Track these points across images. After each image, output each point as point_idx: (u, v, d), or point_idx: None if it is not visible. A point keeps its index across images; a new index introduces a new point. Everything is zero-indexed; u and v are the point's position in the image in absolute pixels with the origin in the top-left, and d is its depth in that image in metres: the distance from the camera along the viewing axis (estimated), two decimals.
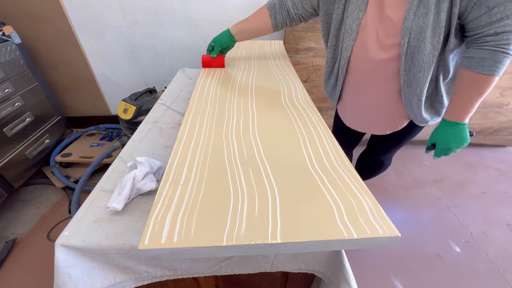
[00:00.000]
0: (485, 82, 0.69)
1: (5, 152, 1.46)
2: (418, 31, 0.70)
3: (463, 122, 0.77)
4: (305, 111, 0.80)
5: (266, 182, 0.54)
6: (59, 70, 1.95)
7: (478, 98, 0.72)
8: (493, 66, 0.65)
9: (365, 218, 0.47)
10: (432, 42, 0.71)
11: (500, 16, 0.61)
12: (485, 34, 0.65)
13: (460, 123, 0.77)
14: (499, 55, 0.64)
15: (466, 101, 0.73)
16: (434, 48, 0.72)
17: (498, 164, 1.95)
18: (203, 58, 1.11)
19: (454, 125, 0.78)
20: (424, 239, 1.40)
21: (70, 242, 0.56)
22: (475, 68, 0.68)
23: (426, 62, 0.74)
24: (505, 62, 0.65)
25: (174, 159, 0.60)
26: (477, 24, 0.65)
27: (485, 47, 0.65)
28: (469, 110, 0.74)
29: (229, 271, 0.65)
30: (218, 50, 1.08)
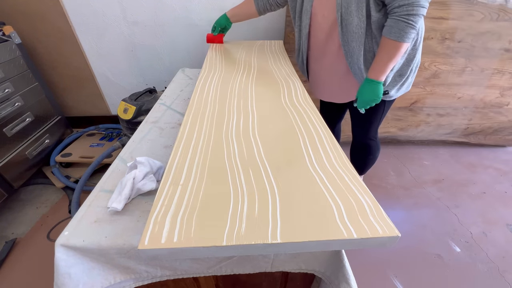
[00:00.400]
0: (393, 46, 0.83)
1: (5, 152, 1.46)
2: (346, 6, 0.88)
3: (377, 80, 0.90)
4: (305, 111, 0.80)
5: (266, 182, 0.54)
6: (59, 70, 1.95)
7: (389, 61, 0.86)
8: (397, 33, 0.80)
9: (365, 218, 0.47)
10: (358, 15, 0.87)
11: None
12: (393, 6, 0.80)
13: (374, 80, 0.91)
14: (401, 23, 0.79)
15: (380, 62, 0.88)
16: (360, 20, 0.88)
17: (498, 164, 1.95)
18: (207, 36, 1.42)
19: (370, 81, 0.92)
20: (424, 239, 1.40)
21: (70, 242, 0.56)
22: (386, 34, 0.83)
23: (356, 32, 0.91)
24: (407, 30, 0.79)
25: (174, 159, 0.60)
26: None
27: (393, 17, 0.81)
28: (382, 69, 0.88)
29: (229, 271, 0.65)
30: (219, 30, 1.36)
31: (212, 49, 1.39)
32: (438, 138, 2.07)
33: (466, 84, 1.80)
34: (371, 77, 0.91)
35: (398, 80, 1.02)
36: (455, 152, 2.05)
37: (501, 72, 1.75)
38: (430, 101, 1.87)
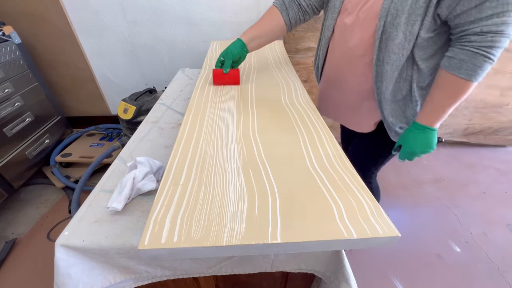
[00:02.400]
0: (460, 86, 0.63)
1: (5, 152, 1.46)
2: (394, 15, 0.65)
3: (432, 127, 0.72)
4: (305, 111, 0.80)
5: (266, 182, 0.54)
6: (59, 70, 1.95)
7: (451, 104, 0.66)
8: (471, 69, 0.60)
9: (365, 218, 0.47)
10: (404, 31, 0.65)
11: (491, 12, 0.54)
12: (470, 32, 0.58)
13: (428, 127, 0.72)
14: (479, 58, 0.58)
15: (438, 105, 0.68)
16: (406, 38, 0.66)
17: (498, 164, 1.95)
18: (214, 74, 0.95)
19: (422, 129, 0.73)
20: (424, 239, 1.40)
21: (70, 242, 0.56)
22: (452, 69, 0.62)
23: (396, 53, 0.69)
24: (484, 67, 0.59)
25: (174, 159, 0.60)
26: (464, 19, 0.58)
27: (467, 47, 0.59)
28: (440, 115, 0.69)
29: (229, 271, 0.65)
30: (230, 64, 0.92)
31: (212, 49, 1.39)
32: None
33: None
34: (424, 123, 0.71)
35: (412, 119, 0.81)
36: (455, 152, 2.05)
37: (501, 72, 1.75)
38: None
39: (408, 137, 0.77)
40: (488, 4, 0.54)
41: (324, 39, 0.88)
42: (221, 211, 0.48)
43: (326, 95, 0.99)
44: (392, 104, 0.79)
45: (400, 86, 0.75)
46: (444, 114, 0.69)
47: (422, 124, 0.72)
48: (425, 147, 0.74)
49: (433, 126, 0.71)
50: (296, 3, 0.90)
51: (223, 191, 0.52)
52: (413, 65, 0.71)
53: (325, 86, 0.98)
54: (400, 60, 0.70)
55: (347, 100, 0.90)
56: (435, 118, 0.70)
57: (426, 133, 0.73)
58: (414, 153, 0.77)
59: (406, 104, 0.79)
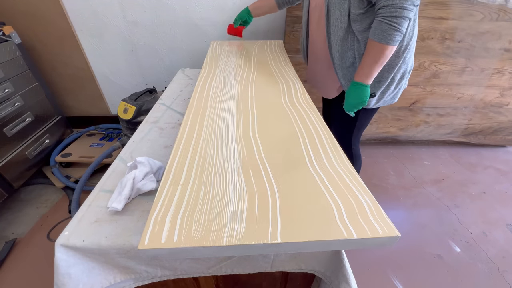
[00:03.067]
0: (377, 48, 0.80)
1: (5, 152, 1.46)
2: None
3: (363, 83, 0.88)
4: (305, 111, 0.80)
5: (266, 182, 0.54)
6: (59, 70, 1.95)
7: (374, 64, 0.83)
8: (380, 34, 0.78)
9: (365, 218, 0.47)
10: (339, 9, 0.86)
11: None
12: (378, 7, 0.77)
13: (360, 83, 0.88)
14: (384, 25, 0.76)
15: (365, 65, 0.85)
16: (341, 14, 0.86)
17: (498, 164, 1.95)
18: (229, 26, 1.41)
19: (356, 84, 0.89)
20: (424, 239, 1.40)
21: (70, 242, 0.56)
22: (370, 35, 0.81)
23: (336, 26, 0.90)
24: (390, 32, 0.76)
25: (174, 159, 0.60)
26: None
27: (377, 18, 0.78)
28: (367, 73, 0.86)
29: (229, 271, 0.65)
30: (239, 22, 1.35)
31: (212, 49, 1.39)
32: (438, 138, 2.07)
33: (466, 84, 1.80)
34: (357, 80, 0.89)
35: (377, 86, 0.97)
36: (455, 152, 2.05)
37: (501, 72, 1.75)
38: (430, 101, 1.87)
39: (348, 92, 0.94)
40: None
41: (304, 23, 1.10)
42: (221, 211, 0.48)
43: (309, 69, 1.22)
44: (343, 70, 0.97)
45: (347, 54, 0.94)
46: (371, 72, 0.86)
47: (356, 81, 0.89)
48: (358, 99, 0.91)
49: (364, 82, 0.88)
50: None
51: (223, 191, 0.52)
52: (354, 37, 0.90)
53: (309, 61, 1.19)
54: (339, 31, 0.90)
55: (318, 70, 1.13)
56: (363, 75, 0.87)
57: (358, 88, 0.89)
58: (352, 104, 0.94)
59: (354, 71, 0.96)
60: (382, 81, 0.96)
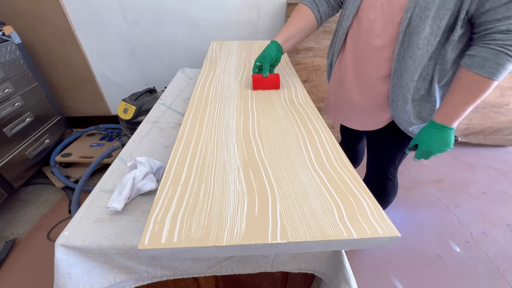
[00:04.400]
0: (482, 85, 0.63)
1: (5, 152, 1.46)
2: (423, 7, 0.62)
3: (450, 126, 0.71)
4: (305, 111, 0.80)
5: (266, 182, 0.54)
6: (59, 70, 1.95)
7: (472, 102, 0.66)
8: (493, 68, 0.59)
9: (365, 218, 0.47)
10: (432, 25, 0.63)
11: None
12: (495, 31, 0.57)
13: (447, 126, 0.71)
14: (503, 57, 0.57)
15: (458, 103, 0.67)
16: (433, 33, 0.64)
17: (498, 164, 1.95)
18: (254, 79, 0.93)
19: (441, 128, 0.71)
20: (424, 239, 1.40)
21: (70, 242, 0.56)
22: (474, 68, 0.61)
23: (421, 48, 0.66)
24: (507, 66, 0.58)
25: (174, 159, 0.60)
26: (491, 17, 0.57)
27: (491, 45, 0.58)
28: (460, 114, 0.68)
29: (229, 271, 0.65)
30: (268, 67, 0.92)
31: (212, 49, 1.39)
32: None
33: None
34: (442, 122, 0.70)
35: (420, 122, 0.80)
36: (455, 152, 2.05)
37: None
38: None
39: (425, 136, 0.75)
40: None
41: (342, 29, 0.84)
42: (221, 211, 0.48)
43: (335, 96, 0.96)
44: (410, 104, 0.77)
45: (419, 85, 0.73)
46: (463, 113, 0.68)
47: (440, 123, 0.71)
48: (442, 146, 0.73)
49: (451, 125, 0.70)
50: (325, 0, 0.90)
51: (223, 191, 0.52)
52: (436, 65, 0.69)
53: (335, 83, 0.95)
54: (424, 55, 0.67)
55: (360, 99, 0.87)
56: (454, 116, 0.69)
57: (444, 133, 0.71)
58: (431, 152, 0.76)
59: (422, 105, 0.77)
60: None
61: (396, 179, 1.07)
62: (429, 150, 0.75)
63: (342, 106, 0.95)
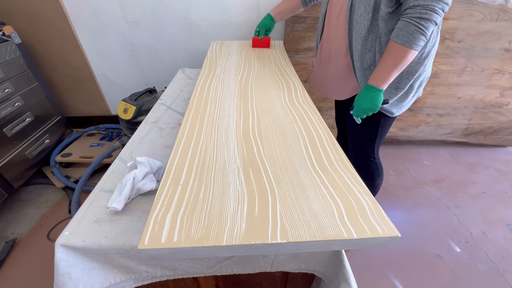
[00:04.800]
0: (399, 51, 0.74)
1: (5, 152, 1.46)
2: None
3: (377, 87, 0.81)
4: (305, 111, 0.80)
5: (266, 182, 0.54)
6: (59, 70, 1.94)
7: (394, 67, 0.76)
8: (405, 36, 0.71)
9: (365, 218, 0.47)
10: (365, 4, 0.79)
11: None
12: (406, 6, 0.71)
13: (374, 87, 0.81)
14: (411, 27, 0.70)
15: (384, 67, 0.78)
16: (366, 10, 0.79)
17: (498, 164, 1.95)
18: (253, 40, 1.36)
19: (370, 88, 0.82)
20: (424, 239, 1.40)
21: (70, 242, 0.56)
22: (393, 36, 0.74)
23: (359, 22, 0.82)
24: (416, 35, 0.70)
25: (174, 159, 0.60)
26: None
27: (403, 18, 0.72)
28: (385, 76, 0.78)
29: (229, 271, 0.65)
30: (264, 32, 1.29)
31: (212, 49, 1.39)
32: (438, 138, 2.07)
33: (466, 84, 1.80)
34: (372, 83, 0.82)
35: (394, 93, 0.91)
36: (455, 152, 2.05)
37: (501, 72, 1.75)
38: (430, 101, 1.87)
39: (359, 96, 0.87)
40: None
41: (321, 15, 1.02)
42: (221, 211, 0.48)
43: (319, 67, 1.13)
44: (362, 72, 0.91)
45: (366, 55, 0.87)
46: (388, 76, 0.79)
47: (370, 85, 0.82)
48: (370, 104, 0.83)
49: (379, 87, 0.81)
50: None
51: (223, 191, 0.52)
52: (376, 37, 0.83)
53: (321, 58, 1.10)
54: (361, 29, 0.83)
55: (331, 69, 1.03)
56: (381, 79, 0.80)
57: (372, 92, 0.82)
58: (362, 109, 0.86)
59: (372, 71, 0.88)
60: (399, 88, 0.89)
61: (378, 160, 1.15)
62: (360, 107, 0.86)
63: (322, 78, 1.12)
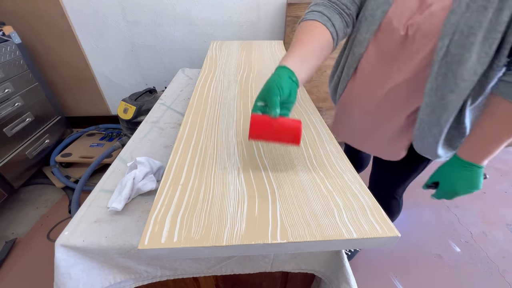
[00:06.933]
0: None
1: (5, 152, 1.46)
2: (466, 33, 0.49)
3: (479, 165, 0.59)
4: (305, 111, 0.80)
5: (266, 182, 0.54)
6: (59, 70, 1.95)
7: (507, 137, 0.55)
8: None
9: (365, 218, 0.47)
10: (480, 52, 0.50)
11: None
12: None
13: (476, 165, 0.59)
14: None
15: (491, 138, 0.56)
16: (480, 61, 0.51)
17: (498, 164, 1.95)
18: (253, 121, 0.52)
19: (468, 167, 0.60)
20: (424, 239, 1.40)
21: (70, 242, 0.56)
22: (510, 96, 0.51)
23: (466, 80, 0.53)
24: None
25: (174, 159, 0.60)
26: None
27: None
28: (492, 151, 0.57)
29: (229, 271, 0.65)
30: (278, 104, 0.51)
31: (212, 49, 1.39)
32: None
33: None
34: (469, 159, 0.60)
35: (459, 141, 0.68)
36: None
37: None
38: None
39: (449, 174, 0.65)
40: None
41: (352, 56, 0.70)
42: (221, 211, 0.48)
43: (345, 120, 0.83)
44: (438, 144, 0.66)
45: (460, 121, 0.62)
46: (496, 150, 0.57)
47: (467, 161, 0.60)
48: (469, 187, 0.62)
49: (480, 163, 0.60)
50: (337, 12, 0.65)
51: (223, 191, 0.52)
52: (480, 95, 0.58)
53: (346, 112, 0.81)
54: (468, 87, 0.55)
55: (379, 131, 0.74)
56: (484, 153, 0.58)
57: (473, 172, 0.60)
58: (455, 193, 0.65)
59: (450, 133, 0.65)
60: None
61: (401, 199, 0.97)
62: (453, 190, 0.65)
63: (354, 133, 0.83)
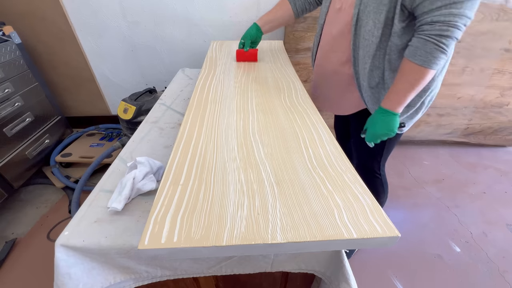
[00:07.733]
0: (416, 72, 0.67)
1: (5, 152, 1.46)
2: (365, 4, 0.72)
3: (393, 111, 0.75)
4: (305, 111, 0.80)
5: (266, 182, 0.54)
6: (59, 70, 1.95)
7: (410, 89, 0.70)
8: (423, 56, 0.64)
9: (365, 218, 0.47)
10: (374, 19, 0.72)
11: (440, 4, 0.60)
12: (423, 22, 0.64)
13: (390, 111, 0.75)
14: (430, 45, 0.63)
15: (399, 90, 0.72)
16: (375, 26, 0.72)
17: (498, 164, 1.95)
18: (237, 53, 1.15)
19: (384, 112, 0.76)
20: (424, 239, 1.40)
21: (70, 242, 0.56)
22: (409, 56, 0.67)
23: (367, 39, 0.75)
24: (436, 54, 0.63)
25: (174, 159, 0.60)
26: (421, 10, 0.63)
27: (420, 35, 0.65)
28: (401, 100, 0.73)
29: (229, 271, 0.65)
30: (249, 44, 1.12)
31: (212, 49, 1.39)
32: (438, 138, 2.06)
33: (466, 84, 1.80)
34: (386, 107, 0.75)
35: (405, 111, 0.84)
36: (455, 152, 2.05)
37: (501, 72, 1.75)
38: None
39: (372, 120, 0.81)
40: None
41: (319, 26, 0.96)
42: (221, 211, 0.48)
43: (318, 82, 1.05)
44: (369, 90, 0.84)
45: (374, 73, 0.81)
46: (405, 99, 0.72)
47: (385, 108, 0.76)
48: (386, 129, 0.78)
49: (394, 110, 0.75)
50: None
51: (223, 191, 0.52)
52: (385, 55, 0.76)
53: (318, 74, 1.03)
54: (370, 46, 0.76)
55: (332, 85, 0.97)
56: (396, 102, 0.74)
57: (387, 116, 0.76)
58: (376, 135, 0.81)
59: (380, 92, 0.83)
60: (411, 105, 0.83)
61: (384, 177, 1.10)
62: (375, 132, 0.81)
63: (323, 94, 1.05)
